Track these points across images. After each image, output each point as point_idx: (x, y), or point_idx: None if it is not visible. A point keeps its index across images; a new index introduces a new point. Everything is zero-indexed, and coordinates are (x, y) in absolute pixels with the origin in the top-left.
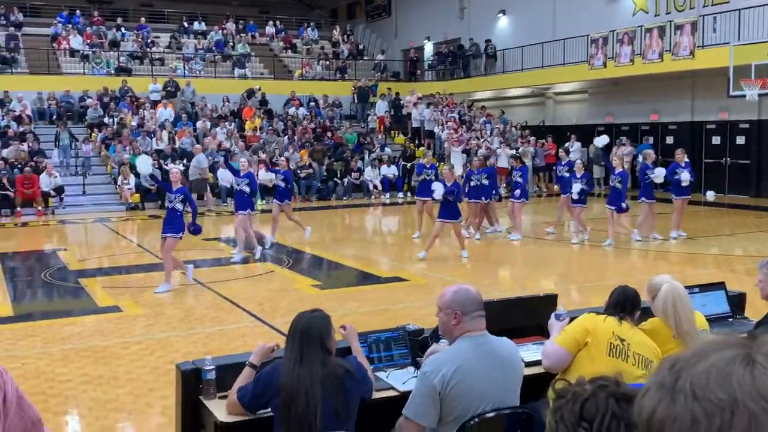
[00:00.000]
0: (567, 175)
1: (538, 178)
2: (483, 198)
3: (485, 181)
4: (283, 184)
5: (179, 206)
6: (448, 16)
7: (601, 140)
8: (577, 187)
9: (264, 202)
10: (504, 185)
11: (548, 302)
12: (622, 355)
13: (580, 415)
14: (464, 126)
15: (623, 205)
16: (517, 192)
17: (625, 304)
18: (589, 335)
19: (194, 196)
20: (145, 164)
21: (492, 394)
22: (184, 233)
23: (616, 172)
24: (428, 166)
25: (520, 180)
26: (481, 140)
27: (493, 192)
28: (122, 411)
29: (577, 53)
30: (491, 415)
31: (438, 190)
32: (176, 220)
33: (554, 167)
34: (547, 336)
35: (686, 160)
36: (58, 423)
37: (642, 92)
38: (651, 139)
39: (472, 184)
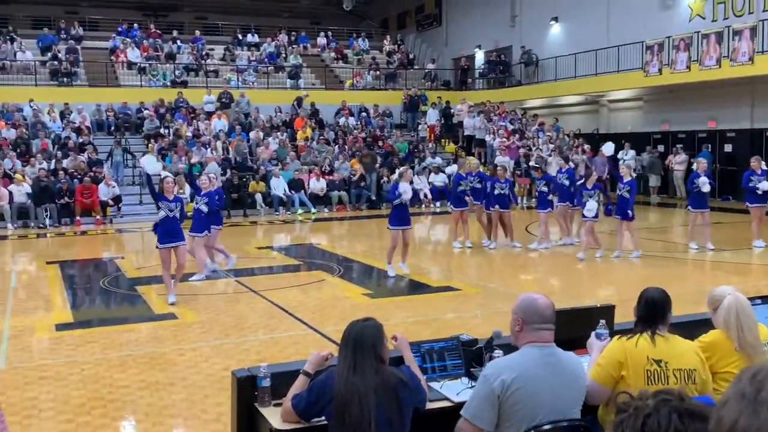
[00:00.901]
0: (567, 183)
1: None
2: (498, 206)
3: (503, 191)
4: (205, 209)
5: (204, 208)
6: (499, 24)
7: (608, 148)
8: (592, 204)
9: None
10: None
11: (605, 313)
12: (662, 378)
13: (641, 430)
14: (516, 134)
15: (629, 212)
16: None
17: (656, 315)
18: (624, 367)
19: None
20: (150, 164)
21: (553, 406)
22: (209, 232)
23: (624, 181)
24: (465, 174)
25: (545, 189)
26: (533, 149)
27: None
28: (178, 417)
29: (631, 60)
30: (548, 427)
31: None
32: (201, 220)
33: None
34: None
35: (764, 167)
36: (115, 428)
37: (699, 99)
38: (709, 147)
39: (496, 192)
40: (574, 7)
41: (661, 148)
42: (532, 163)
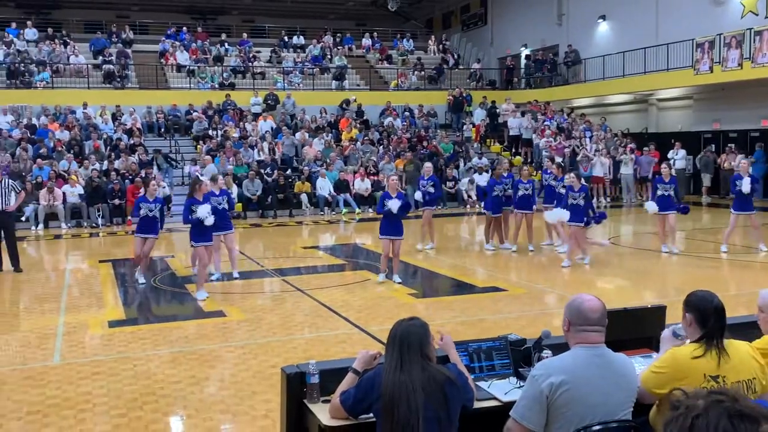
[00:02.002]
0: (554, 183)
1: (640, 187)
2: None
3: (527, 191)
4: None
5: (227, 205)
6: (545, 22)
7: (651, 207)
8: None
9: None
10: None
11: (656, 314)
12: None
13: (689, 431)
14: (563, 134)
15: (683, 206)
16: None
17: (718, 327)
18: (676, 384)
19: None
20: (203, 213)
21: (603, 407)
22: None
23: (576, 189)
24: (501, 178)
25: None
26: (580, 148)
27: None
28: (227, 413)
29: (681, 58)
30: (597, 428)
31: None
32: (228, 218)
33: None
34: (655, 349)
35: None
36: (167, 423)
37: (751, 98)
38: (762, 147)
39: (520, 193)
40: (622, 5)
41: (711, 147)
42: (558, 161)
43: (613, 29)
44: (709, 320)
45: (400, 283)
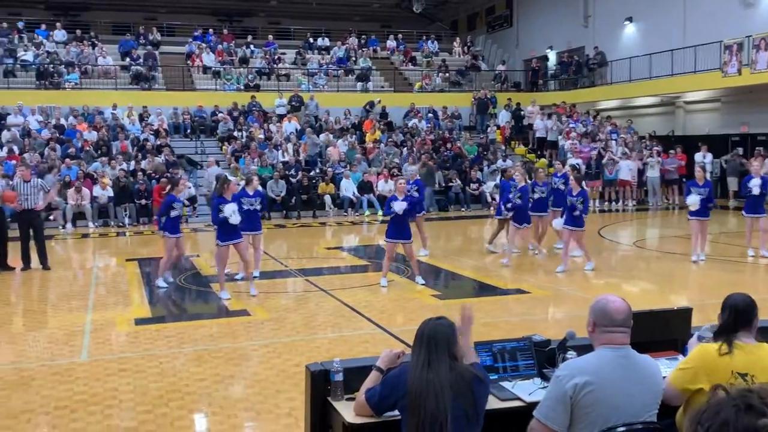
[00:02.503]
0: (562, 187)
1: (666, 190)
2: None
3: (543, 194)
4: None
5: (259, 207)
6: (571, 24)
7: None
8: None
9: None
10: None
11: (682, 316)
12: None
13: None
14: (588, 136)
15: (710, 205)
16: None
17: (738, 323)
18: (704, 380)
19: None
20: (230, 212)
21: (628, 408)
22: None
23: (574, 194)
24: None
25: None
26: (605, 151)
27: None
28: (251, 410)
29: (709, 60)
30: (622, 429)
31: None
32: (258, 220)
33: (684, 179)
34: (681, 351)
35: None
36: (192, 420)
37: None
38: None
39: (536, 196)
40: (649, 6)
41: (739, 150)
42: (570, 163)
43: (640, 31)
44: (723, 316)
45: (423, 284)
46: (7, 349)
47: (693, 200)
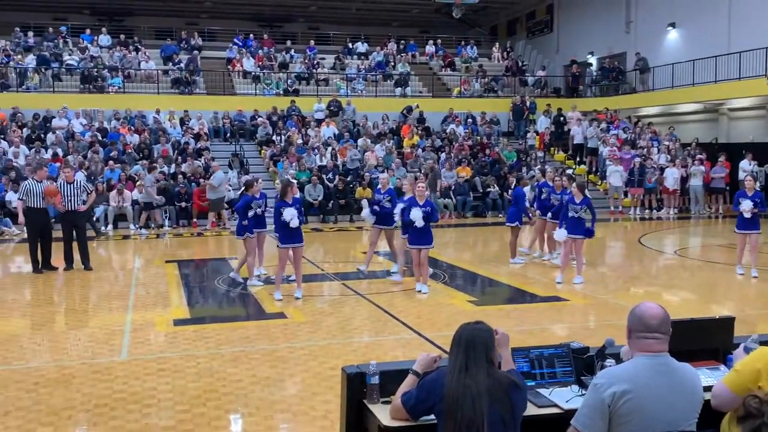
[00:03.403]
0: (583, 216)
1: (710, 198)
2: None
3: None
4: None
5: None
6: (613, 30)
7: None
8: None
9: None
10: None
11: (724, 326)
12: None
13: None
14: (628, 144)
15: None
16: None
17: None
18: (763, 378)
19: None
20: (289, 216)
21: (666, 417)
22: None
23: (577, 201)
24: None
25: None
26: (646, 158)
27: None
28: (287, 412)
29: (753, 67)
30: None
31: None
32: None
33: (727, 187)
34: (722, 361)
35: None
36: (229, 420)
37: None
38: None
39: (543, 197)
40: (692, 12)
41: None
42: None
43: (683, 37)
44: None
45: (425, 293)
46: (49, 347)
47: (747, 205)
